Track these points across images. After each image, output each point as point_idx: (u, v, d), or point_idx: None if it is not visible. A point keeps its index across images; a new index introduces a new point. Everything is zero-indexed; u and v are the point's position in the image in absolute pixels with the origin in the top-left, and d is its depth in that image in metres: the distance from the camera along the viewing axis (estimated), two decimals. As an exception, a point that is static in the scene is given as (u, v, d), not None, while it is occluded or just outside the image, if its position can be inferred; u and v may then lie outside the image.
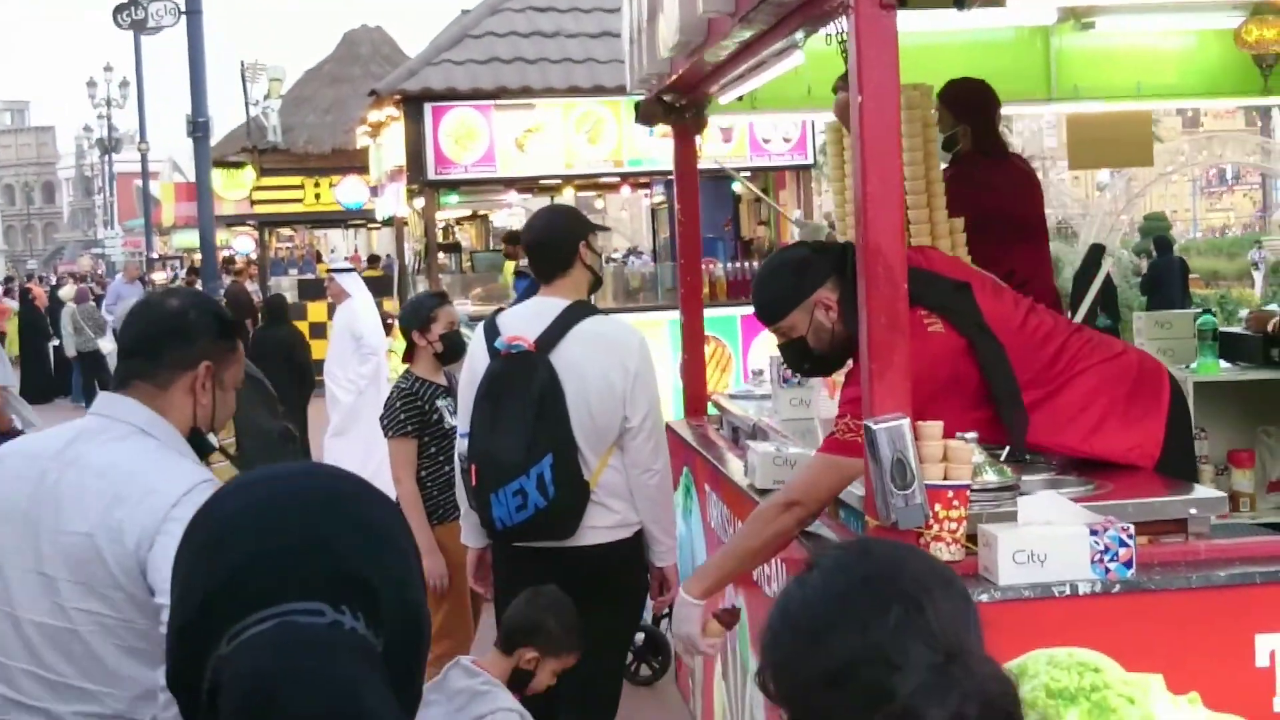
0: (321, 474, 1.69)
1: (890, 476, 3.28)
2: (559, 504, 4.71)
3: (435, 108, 13.40)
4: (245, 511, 1.62)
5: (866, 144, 3.35)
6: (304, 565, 1.56)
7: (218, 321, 3.23)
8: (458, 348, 6.54)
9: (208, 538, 1.62)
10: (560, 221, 5.17)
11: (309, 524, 1.59)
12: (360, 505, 1.64)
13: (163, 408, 3.10)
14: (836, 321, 3.95)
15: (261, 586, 1.55)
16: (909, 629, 1.64)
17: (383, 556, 1.61)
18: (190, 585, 1.60)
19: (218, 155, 22.47)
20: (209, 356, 3.14)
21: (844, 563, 1.75)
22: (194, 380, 3.12)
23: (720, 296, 13.78)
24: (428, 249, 14.55)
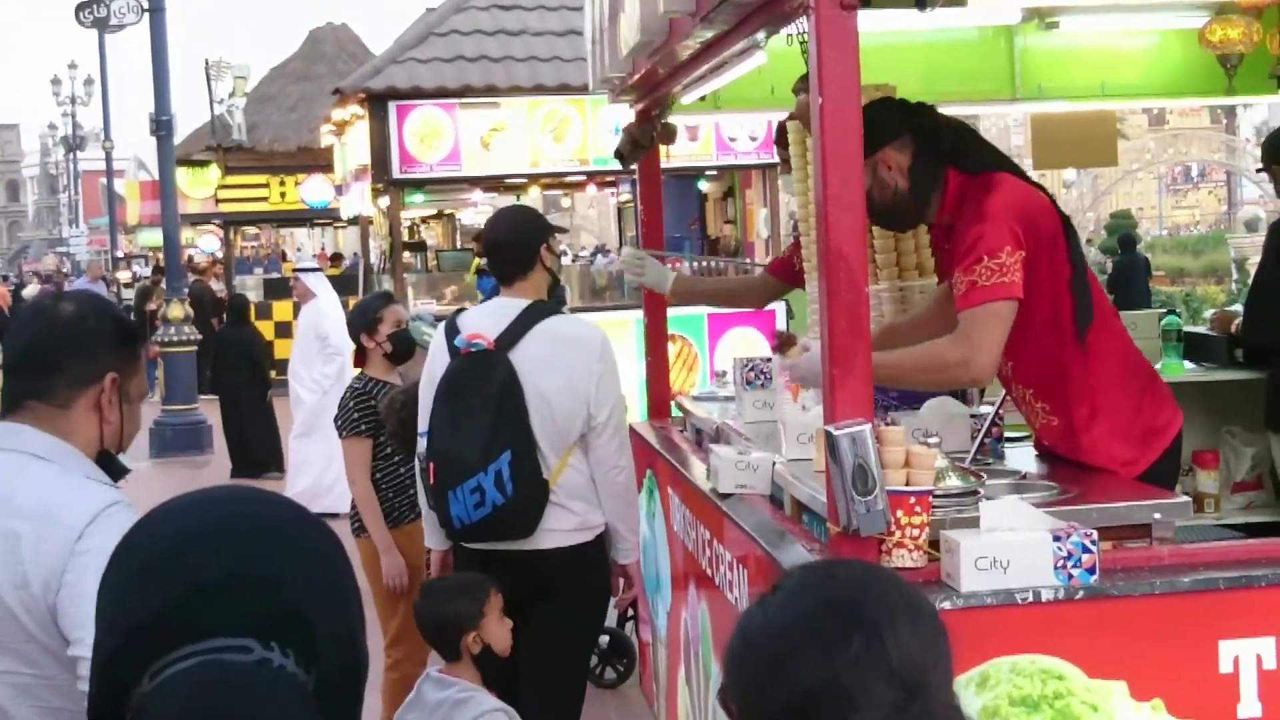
0: (259, 500, 1.62)
1: (852, 482, 3.24)
2: (517, 502, 4.67)
3: (400, 106, 13.35)
4: (175, 539, 1.55)
5: (827, 145, 3.31)
6: (233, 599, 1.50)
7: (119, 327, 2.85)
8: (406, 346, 6.53)
9: (136, 566, 1.56)
10: (521, 224, 5.13)
11: (240, 556, 1.53)
12: (297, 536, 1.58)
13: (64, 430, 2.72)
14: (901, 180, 4.03)
15: (187, 621, 1.48)
16: (869, 661, 1.60)
17: (319, 590, 1.55)
18: (116, 616, 1.54)
19: (182, 154, 22.35)
20: (113, 368, 2.76)
21: (808, 584, 1.71)
22: (99, 395, 2.74)
23: (687, 295, 13.75)
24: (393, 248, 14.50)
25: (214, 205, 24.21)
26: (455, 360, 4.81)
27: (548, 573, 4.74)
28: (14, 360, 2.76)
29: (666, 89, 5.63)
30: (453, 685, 4.19)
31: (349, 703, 1.59)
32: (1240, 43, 5.37)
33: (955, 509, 3.52)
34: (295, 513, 1.62)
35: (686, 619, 5.14)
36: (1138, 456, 4.10)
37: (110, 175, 44.01)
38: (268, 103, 23.89)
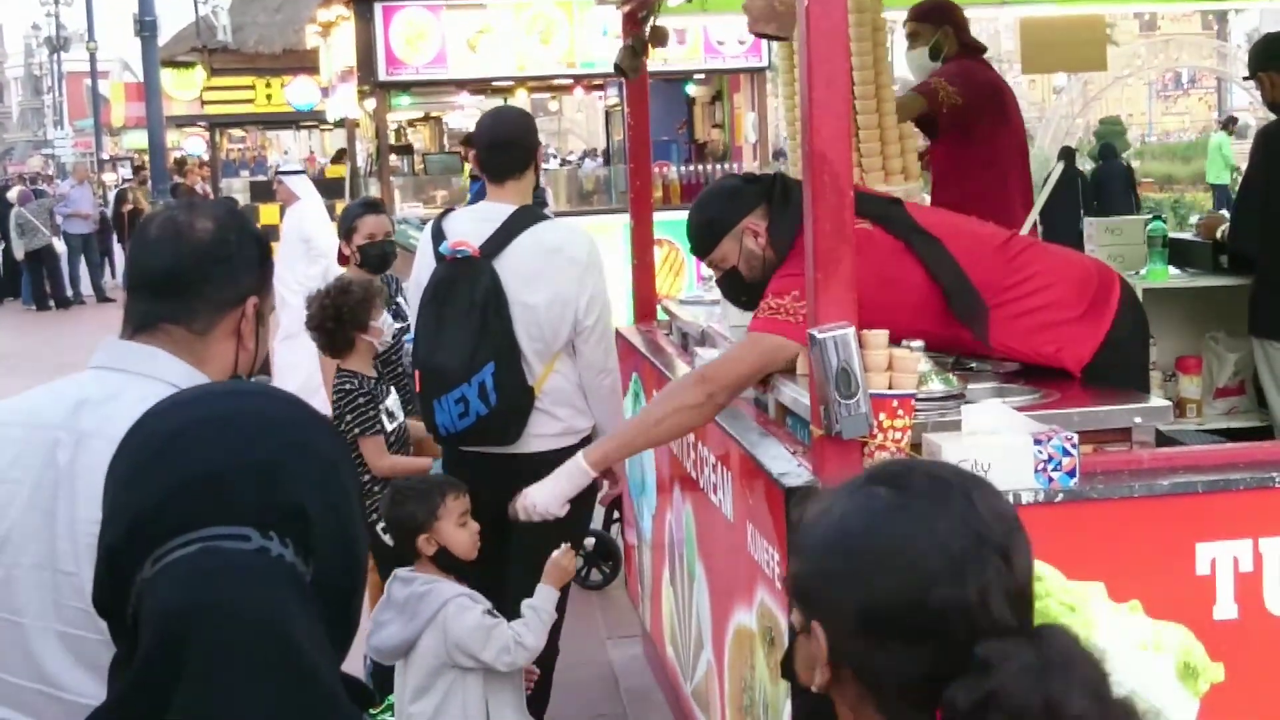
0: (262, 395, 1.64)
1: (835, 385, 3.25)
2: (501, 411, 4.69)
3: (386, 7, 13.26)
4: (178, 432, 1.57)
5: (812, 48, 3.29)
6: (232, 489, 1.52)
7: (259, 246, 2.63)
8: (379, 259, 6.52)
9: (138, 457, 1.58)
10: (523, 123, 5.11)
11: (241, 447, 1.54)
12: (299, 431, 1.60)
13: (201, 356, 2.51)
14: (766, 248, 4.00)
15: (188, 509, 1.51)
16: (999, 587, 1.61)
17: (318, 484, 1.57)
18: (118, 506, 1.56)
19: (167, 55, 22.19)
20: (254, 291, 2.57)
21: (944, 497, 1.67)
22: (239, 321, 2.54)
23: (674, 200, 13.72)
24: (379, 151, 14.43)
25: (199, 107, 24.09)
26: (440, 267, 4.79)
27: (533, 476, 4.76)
28: (150, 280, 2.55)
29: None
30: (415, 580, 4.23)
31: (346, 598, 1.61)
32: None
33: (938, 412, 3.54)
34: (299, 409, 1.63)
35: (671, 521, 5.18)
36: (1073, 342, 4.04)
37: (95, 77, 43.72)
38: (253, 3, 23.63)
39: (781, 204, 4.02)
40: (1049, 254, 4.19)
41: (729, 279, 4.17)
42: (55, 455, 2.33)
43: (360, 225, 6.56)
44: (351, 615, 1.63)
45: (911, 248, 3.91)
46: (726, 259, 4.11)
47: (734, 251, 4.10)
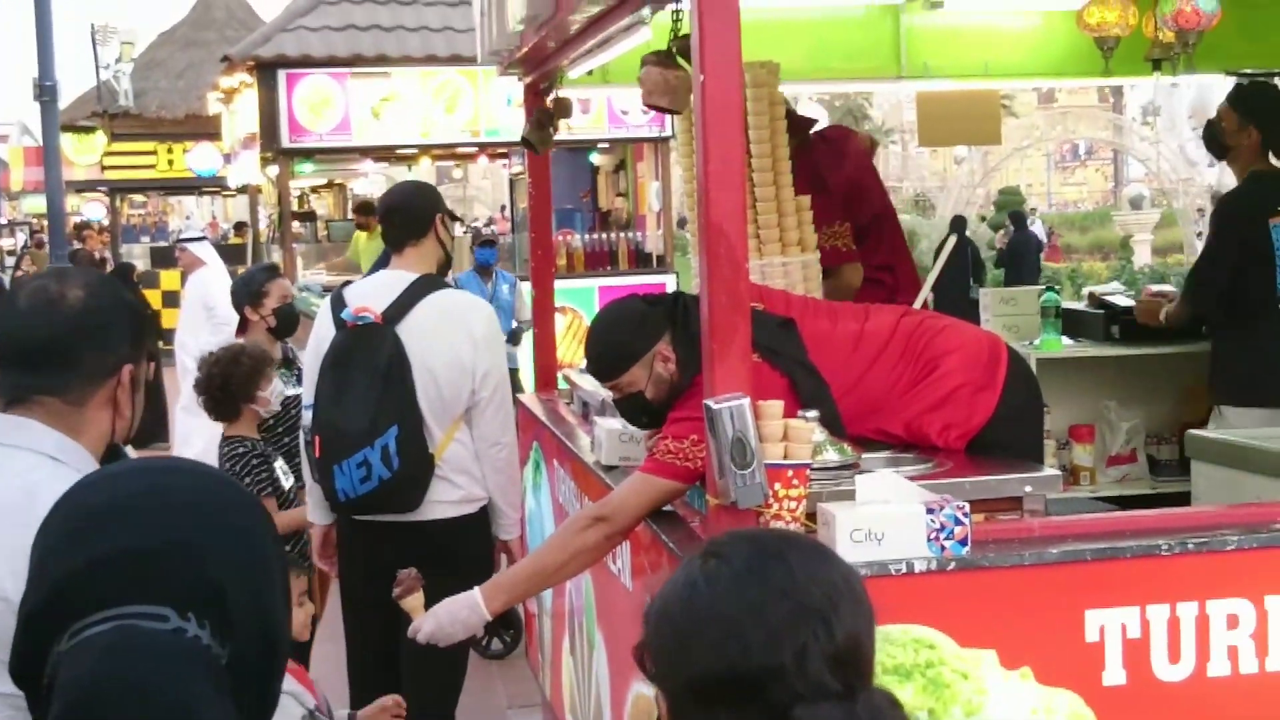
0: (190, 473, 1.63)
1: (730, 455, 3.28)
2: (403, 476, 4.69)
3: (290, 74, 13.27)
4: (105, 506, 1.56)
5: (708, 122, 3.33)
6: (154, 567, 1.51)
7: (131, 311, 2.60)
8: (291, 321, 6.49)
9: (64, 528, 1.57)
10: (416, 191, 5.16)
11: (166, 525, 1.54)
12: (224, 510, 1.59)
13: (77, 427, 2.47)
14: (675, 373, 3.93)
15: (108, 585, 1.50)
16: (816, 652, 1.65)
17: (240, 566, 1.56)
18: (41, 575, 1.55)
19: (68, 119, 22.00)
20: (129, 359, 2.52)
21: (759, 567, 1.72)
22: (115, 389, 2.50)
23: (578, 267, 13.79)
24: (281, 217, 14.39)
25: (100, 172, 23.89)
26: (341, 333, 4.80)
27: (431, 544, 4.75)
28: (22, 352, 2.49)
29: (555, 62, 5.64)
30: None
31: (263, 680, 1.60)
32: (1117, 25, 5.47)
33: (832, 482, 3.58)
34: (226, 488, 1.62)
35: (571, 590, 5.17)
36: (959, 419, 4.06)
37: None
38: (155, 69, 23.58)
39: (684, 328, 3.93)
40: (943, 333, 4.21)
41: (631, 401, 4.07)
42: None
43: (271, 289, 6.53)
44: (268, 698, 1.62)
45: (794, 384, 3.87)
46: (634, 384, 4.01)
47: (643, 378, 3.99)
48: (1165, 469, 6.27)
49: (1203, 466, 4.71)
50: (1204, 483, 4.68)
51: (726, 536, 1.83)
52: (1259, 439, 4.57)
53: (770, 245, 4.67)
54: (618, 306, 4.23)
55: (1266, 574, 3.33)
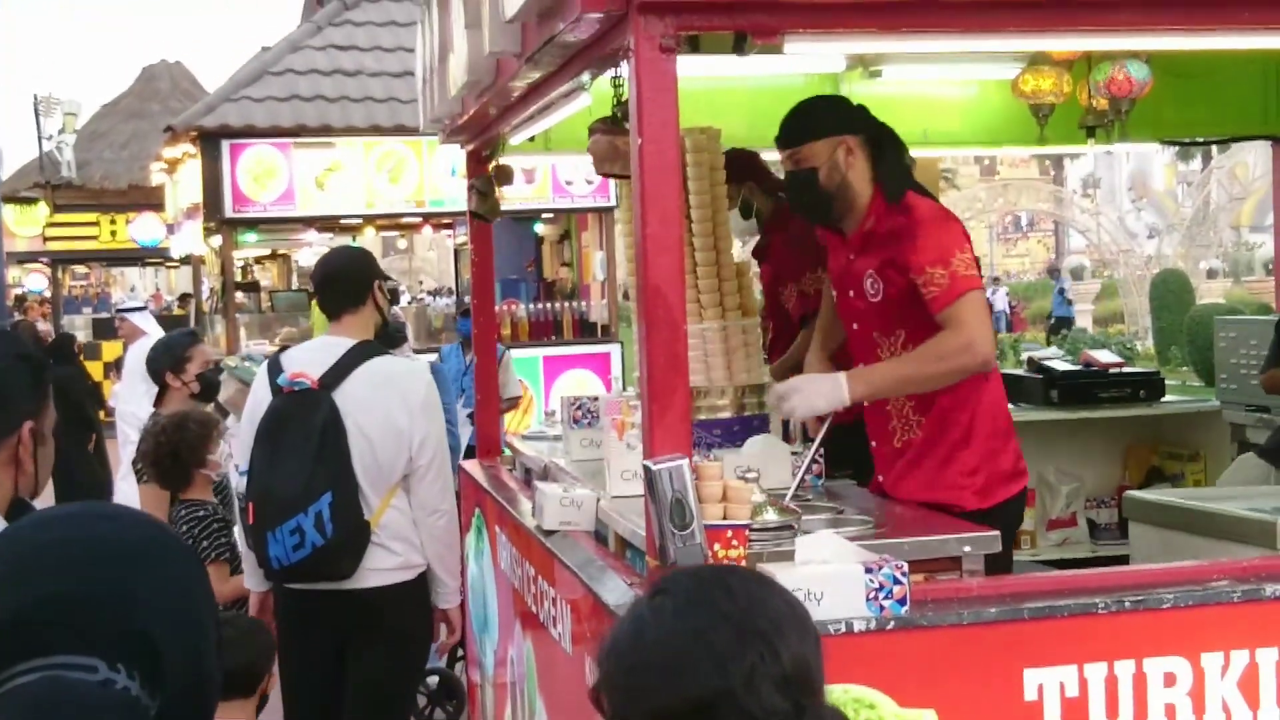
0: (121, 519, 1.61)
1: (670, 516, 3.28)
2: (337, 543, 4.65)
3: (233, 145, 13.25)
4: (34, 553, 1.54)
5: (646, 186, 3.36)
6: (82, 616, 1.49)
7: (29, 367, 2.56)
8: (213, 387, 6.46)
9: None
10: (352, 259, 5.15)
11: (98, 574, 1.52)
12: (154, 558, 1.57)
13: None
14: (851, 168, 4.18)
15: (37, 633, 1.48)
16: (764, 673, 1.68)
17: (170, 615, 1.54)
18: None
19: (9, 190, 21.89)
20: (29, 415, 2.50)
21: (702, 597, 1.76)
22: (16, 447, 2.49)
23: (523, 337, 13.79)
24: (225, 288, 14.33)
25: (42, 243, 23.74)
26: (278, 398, 4.77)
27: (369, 612, 4.71)
28: None
29: (496, 130, 5.66)
30: None
31: None
32: (1051, 93, 5.55)
33: (772, 543, 3.57)
34: (157, 534, 1.60)
35: (513, 657, 5.15)
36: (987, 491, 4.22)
37: (-66, 212, 42.93)
38: (99, 140, 23.53)
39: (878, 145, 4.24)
40: None
41: (802, 177, 4.25)
42: None
43: (194, 354, 6.50)
44: None
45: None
46: (812, 159, 4.21)
47: (824, 155, 4.20)
48: (1105, 532, 6.32)
49: (1140, 528, 4.75)
50: (1142, 544, 4.72)
51: (670, 573, 1.88)
52: (1195, 499, 4.61)
53: (710, 310, 4.69)
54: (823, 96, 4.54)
55: (1202, 632, 3.35)
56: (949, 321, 4.03)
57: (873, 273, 4.25)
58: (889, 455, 4.41)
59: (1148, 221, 49.86)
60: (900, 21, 3.57)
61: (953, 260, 4.01)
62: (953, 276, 4.01)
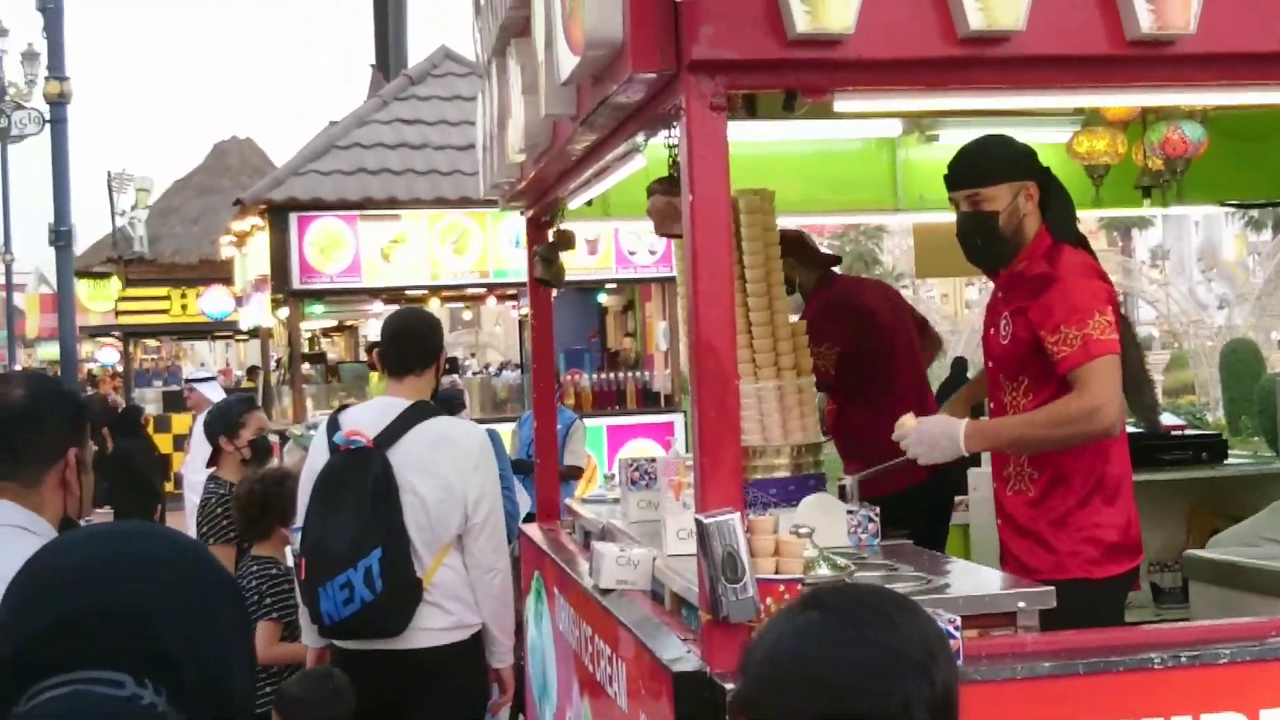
0: (152, 538, 1.65)
1: (721, 570, 3.29)
2: (386, 599, 4.67)
3: (300, 217, 13.42)
4: (70, 569, 1.59)
5: (697, 242, 3.39)
6: (113, 632, 1.53)
7: (70, 403, 3.02)
8: (265, 452, 6.57)
9: (30, 589, 1.59)
10: (427, 322, 5.20)
11: (126, 589, 1.56)
12: (180, 577, 1.61)
13: (35, 505, 2.87)
14: (1029, 215, 4.15)
15: (67, 647, 1.52)
16: (920, 699, 1.73)
17: (198, 632, 1.58)
18: (5, 634, 1.57)
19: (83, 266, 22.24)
20: (73, 443, 2.94)
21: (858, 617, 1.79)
22: (63, 471, 2.92)
23: (586, 407, 13.84)
24: (291, 359, 14.46)
25: (114, 318, 24.06)
26: (334, 456, 4.82)
27: (422, 673, 4.72)
28: None
29: (554, 194, 5.72)
30: None
31: None
32: (1106, 154, 5.55)
33: (825, 598, 3.57)
34: (187, 554, 1.64)
35: (570, 719, 5.15)
36: (1100, 560, 4.10)
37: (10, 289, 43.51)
38: (170, 215, 23.87)
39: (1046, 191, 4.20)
40: None
41: (979, 220, 4.20)
42: None
43: (249, 420, 6.62)
44: None
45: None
46: (994, 201, 4.16)
47: (1005, 199, 4.15)
48: (1168, 596, 6.24)
49: (1201, 587, 4.71)
50: (1202, 603, 4.67)
51: (828, 591, 1.89)
52: (1255, 558, 4.57)
53: (766, 370, 4.71)
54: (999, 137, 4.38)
55: (1260, 687, 3.32)
56: (1077, 383, 3.96)
57: (1008, 315, 4.21)
58: (1002, 499, 4.33)
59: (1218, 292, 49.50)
60: (950, 78, 3.59)
61: (1090, 321, 3.93)
62: (1086, 339, 3.93)
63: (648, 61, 3.44)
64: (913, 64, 3.51)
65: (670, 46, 3.41)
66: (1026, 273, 4.17)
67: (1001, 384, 4.28)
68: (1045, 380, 4.08)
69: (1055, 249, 4.15)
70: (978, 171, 4.24)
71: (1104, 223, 42.31)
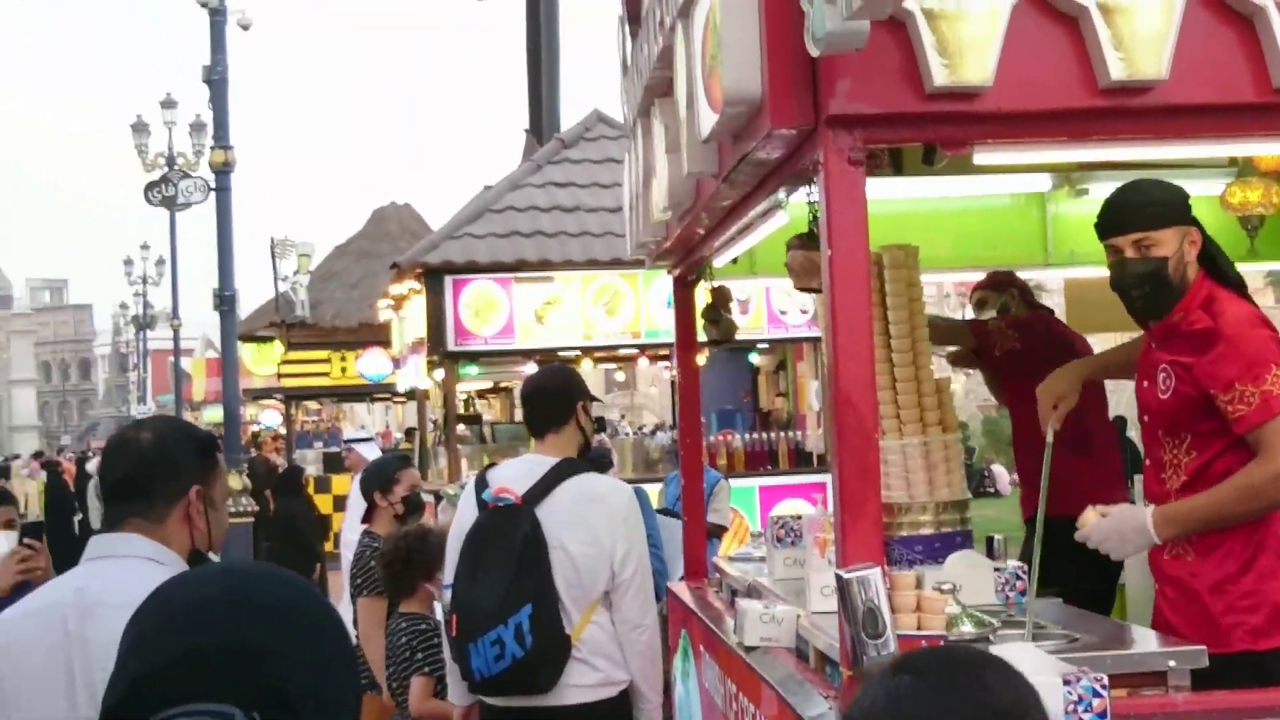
0: (268, 578, 1.71)
1: (862, 625, 3.27)
2: (536, 655, 4.69)
3: (456, 280, 13.58)
4: (183, 606, 1.64)
5: (836, 296, 3.39)
6: (223, 666, 1.58)
7: (196, 443, 3.20)
8: (418, 508, 6.69)
9: (153, 623, 1.65)
10: (560, 377, 5.25)
11: (237, 626, 1.61)
12: (296, 615, 1.66)
13: (163, 539, 3.07)
14: (1190, 264, 4.03)
15: (179, 681, 1.57)
16: None
17: (307, 668, 1.62)
18: (122, 669, 1.63)
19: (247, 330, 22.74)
20: (197, 480, 3.12)
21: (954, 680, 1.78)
22: (188, 508, 3.10)
23: (739, 467, 13.80)
24: (447, 420, 14.63)
25: (276, 380, 24.53)
26: (482, 514, 4.88)
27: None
28: (112, 486, 3.13)
29: (700, 252, 5.75)
30: None
31: None
32: (1260, 204, 5.45)
33: (968, 654, 3.52)
34: (301, 594, 1.69)
35: (716, 777, 5.13)
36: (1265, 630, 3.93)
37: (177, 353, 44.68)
38: (331, 279, 24.32)
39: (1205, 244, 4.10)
40: None
41: (1146, 266, 4.02)
42: (65, 626, 2.87)
43: (402, 477, 6.77)
44: None
45: None
46: (1162, 246, 4.01)
47: (1173, 245, 4.01)
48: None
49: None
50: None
51: (920, 653, 1.88)
52: None
53: (910, 425, 4.68)
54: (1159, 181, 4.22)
55: None
56: (1260, 445, 3.81)
57: (1167, 368, 4.06)
58: (1159, 563, 4.18)
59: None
60: (1092, 129, 3.56)
61: (1266, 376, 3.79)
62: (1265, 396, 3.79)
63: (786, 117, 3.46)
64: (1053, 115, 3.49)
65: (808, 102, 3.43)
66: (1185, 325, 4.04)
67: (1160, 440, 4.13)
68: (1210, 438, 3.94)
69: (1212, 298, 4.01)
70: (1145, 215, 4.05)
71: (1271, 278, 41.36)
